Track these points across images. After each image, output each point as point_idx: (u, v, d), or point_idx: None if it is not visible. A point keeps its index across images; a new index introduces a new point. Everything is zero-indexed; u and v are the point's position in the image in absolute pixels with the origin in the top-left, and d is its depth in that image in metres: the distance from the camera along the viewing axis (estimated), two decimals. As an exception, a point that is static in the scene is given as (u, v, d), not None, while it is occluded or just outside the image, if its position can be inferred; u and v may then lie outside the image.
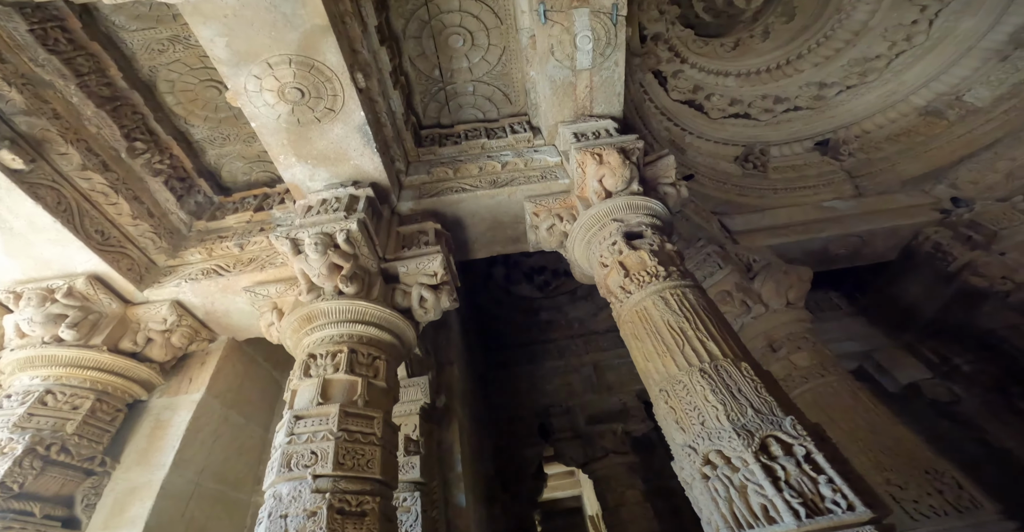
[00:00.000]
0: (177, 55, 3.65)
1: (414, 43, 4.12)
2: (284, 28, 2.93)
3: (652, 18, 5.09)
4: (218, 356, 3.89)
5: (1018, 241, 4.70)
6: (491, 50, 4.21)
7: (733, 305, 4.64)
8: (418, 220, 3.61)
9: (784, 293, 4.52)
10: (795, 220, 5.07)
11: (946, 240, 4.93)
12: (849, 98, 5.76)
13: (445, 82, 4.48)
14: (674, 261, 2.93)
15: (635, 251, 2.96)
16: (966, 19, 5.01)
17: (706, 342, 2.38)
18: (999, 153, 4.98)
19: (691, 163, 5.22)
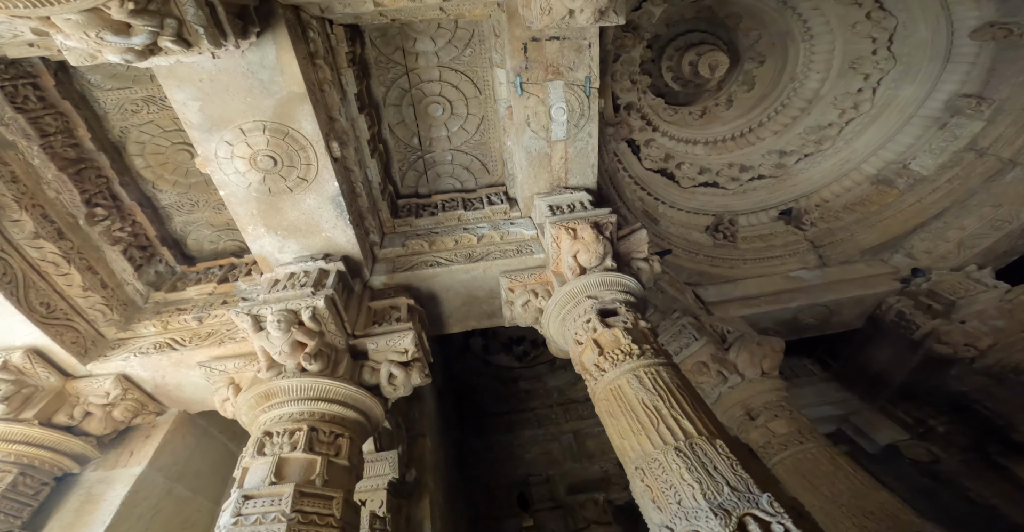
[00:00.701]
0: (151, 116, 3.55)
1: (394, 111, 4.12)
2: (260, 94, 2.87)
3: (625, 88, 5.25)
4: (166, 428, 3.71)
5: (976, 310, 4.77)
6: (470, 119, 4.23)
7: (710, 376, 4.61)
8: (391, 295, 3.43)
9: (759, 363, 4.52)
10: (765, 291, 5.13)
11: (908, 309, 5.01)
12: (807, 166, 5.96)
13: (424, 151, 4.44)
14: (648, 338, 2.87)
15: (609, 329, 2.88)
16: (905, 87, 5.30)
17: (680, 420, 2.35)
18: (948, 222, 5.16)
19: (664, 233, 5.23)
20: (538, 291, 3.46)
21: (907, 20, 4.96)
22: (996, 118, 4.89)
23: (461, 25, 3.74)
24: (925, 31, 4.94)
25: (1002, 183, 4.95)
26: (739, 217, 5.79)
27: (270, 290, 3.02)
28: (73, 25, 1.90)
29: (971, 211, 5.04)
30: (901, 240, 5.45)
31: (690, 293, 5.02)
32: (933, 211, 5.29)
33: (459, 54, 3.89)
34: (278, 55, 2.79)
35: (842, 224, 5.61)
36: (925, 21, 4.89)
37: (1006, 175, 4.88)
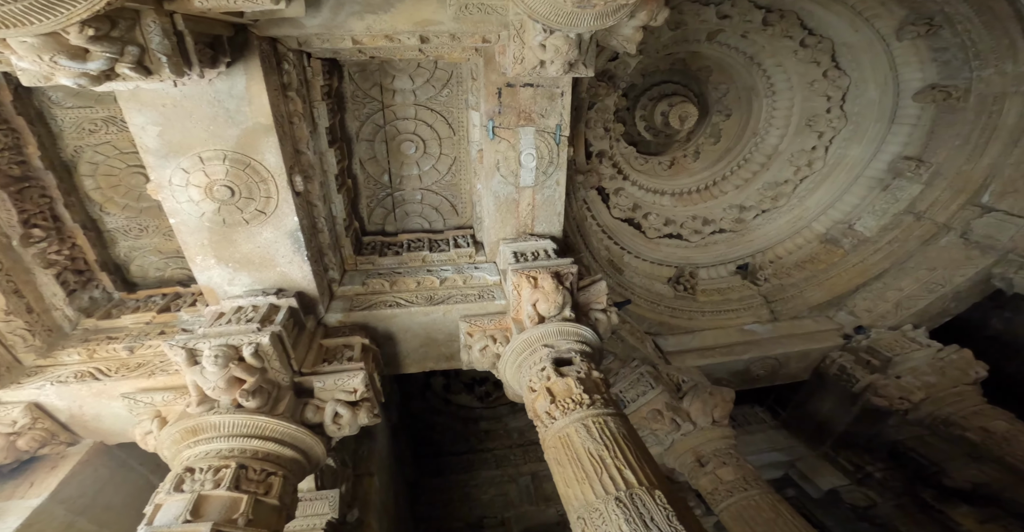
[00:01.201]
0: (109, 137, 3.38)
1: (366, 146, 4.04)
2: (225, 123, 2.77)
3: (598, 135, 5.35)
4: (76, 459, 3.41)
5: (910, 366, 4.96)
6: (442, 159, 4.19)
7: (664, 423, 4.67)
8: (345, 333, 3.26)
9: (710, 412, 4.60)
10: (721, 342, 5.24)
11: (850, 364, 5.19)
12: (764, 222, 6.15)
13: (394, 188, 4.34)
14: (599, 389, 2.86)
15: (563, 378, 2.85)
16: (854, 146, 5.60)
17: (623, 470, 2.37)
18: (887, 283, 5.39)
19: (628, 284, 5.25)
20: (497, 337, 3.35)
21: (859, 79, 5.29)
22: (933, 181, 5.16)
23: (440, 66, 3.74)
24: (874, 91, 5.25)
25: (937, 247, 5.21)
26: (699, 270, 5.89)
27: (213, 323, 2.81)
28: (28, 48, 1.81)
29: (908, 273, 5.27)
30: (845, 298, 5.64)
31: (650, 342, 5.02)
32: (874, 272, 5.52)
33: (436, 94, 3.88)
34: (248, 85, 2.71)
35: (793, 281, 5.79)
36: (875, 81, 5.21)
37: (940, 239, 5.12)
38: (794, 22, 4.99)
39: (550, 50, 2.57)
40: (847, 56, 5.18)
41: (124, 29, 1.99)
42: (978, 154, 4.82)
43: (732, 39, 5.34)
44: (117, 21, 1.94)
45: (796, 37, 5.12)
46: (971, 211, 4.93)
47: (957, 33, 4.46)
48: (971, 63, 4.58)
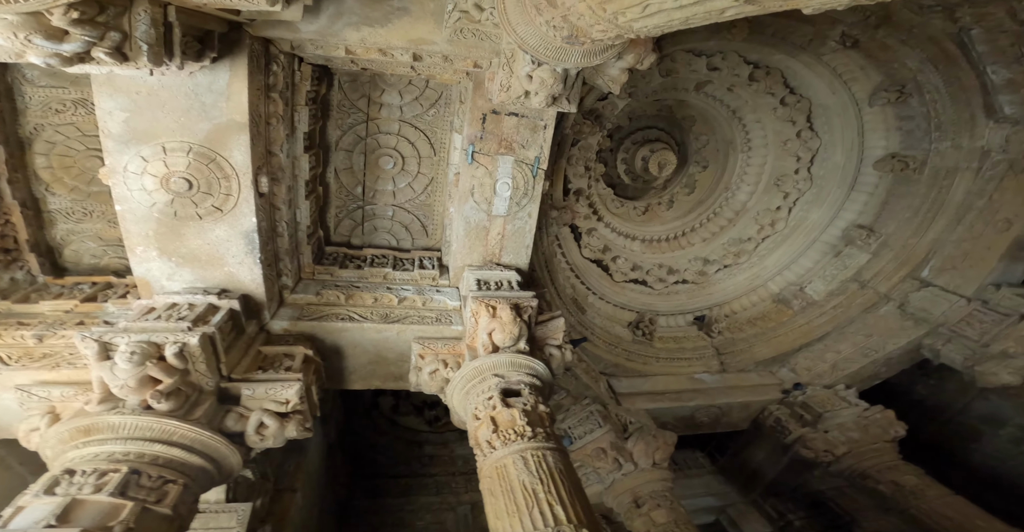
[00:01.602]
0: (76, 118, 3.21)
1: (344, 156, 3.94)
2: (198, 117, 2.67)
3: (578, 173, 5.38)
4: None
5: (838, 423, 5.14)
6: (419, 178, 4.10)
7: (607, 462, 4.61)
8: (289, 342, 3.04)
9: (652, 454, 4.59)
10: (671, 388, 5.27)
11: (785, 417, 5.35)
12: (725, 277, 6.27)
13: (366, 201, 4.20)
14: (543, 423, 2.77)
15: (508, 409, 2.76)
16: (815, 210, 5.82)
17: (554, 506, 2.30)
18: (828, 345, 5.57)
19: (589, 324, 5.20)
20: (448, 361, 3.20)
21: (829, 143, 5.54)
22: (880, 252, 5.39)
23: (431, 85, 3.72)
24: (841, 156, 5.51)
25: (876, 315, 5.42)
26: (659, 317, 5.92)
27: (139, 318, 2.57)
28: (5, 24, 1.71)
29: (847, 337, 5.46)
30: (788, 356, 5.80)
31: (604, 382, 4.94)
32: (817, 334, 5.70)
33: (423, 112, 3.83)
34: (230, 82, 2.64)
35: (744, 336, 5.92)
36: (843, 145, 5.47)
37: (880, 308, 5.33)
38: (778, 80, 5.24)
39: (536, 81, 2.57)
40: (821, 118, 5.44)
41: (112, 15, 1.93)
42: (924, 228, 5.03)
43: (718, 91, 5.56)
44: (107, 7, 1.87)
45: (778, 95, 5.37)
46: (910, 284, 5.16)
47: (924, 103, 4.66)
48: (932, 134, 4.81)
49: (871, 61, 4.63)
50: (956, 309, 4.66)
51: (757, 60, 5.08)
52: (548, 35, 2.22)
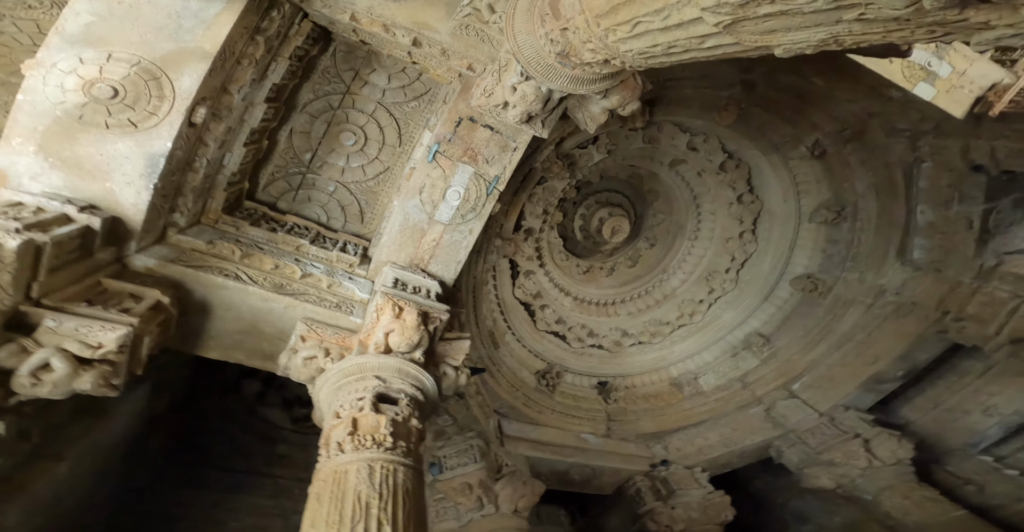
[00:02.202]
0: (41, 16, 2.96)
1: (306, 119, 3.62)
2: (167, 37, 2.44)
3: (535, 213, 5.31)
4: None
5: (685, 501, 5.22)
6: (375, 164, 3.81)
7: (470, 499, 4.21)
8: (147, 283, 2.55)
9: (516, 500, 4.26)
10: (555, 441, 5.13)
11: (645, 488, 5.40)
12: (636, 352, 6.34)
13: (310, 170, 3.84)
14: (410, 438, 2.41)
15: (377, 414, 2.38)
16: (730, 310, 6.07)
17: (384, 526, 1.96)
18: (700, 432, 5.78)
19: (498, 360, 5.01)
20: (332, 351, 2.81)
21: (763, 250, 5.84)
22: (768, 361, 5.74)
23: (422, 79, 3.55)
24: (768, 265, 5.81)
25: (746, 413, 5.72)
26: (567, 373, 5.82)
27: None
28: None
29: (718, 428, 5.71)
30: (666, 434, 5.89)
31: (495, 421, 4.67)
32: (696, 420, 5.89)
33: (404, 102, 3.64)
34: (220, 14, 2.46)
35: (635, 408, 5.94)
36: (773, 255, 5.76)
37: (751, 409, 5.67)
38: (744, 175, 5.51)
39: (519, 94, 2.45)
40: (766, 224, 5.77)
41: None
42: (809, 348, 5.42)
43: (689, 173, 5.80)
44: None
45: (738, 190, 5.63)
46: (781, 393, 5.56)
47: (853, 230, 5.03)
48: (846, 263, 5.19)
49: (828, 176, 4.98)
50: (808, 420, 5.12)
51: (734, 151, 5.37)
52: (544, 49, 2.12)
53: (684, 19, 1.24)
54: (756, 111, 4.53)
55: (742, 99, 4.23)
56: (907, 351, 4.73)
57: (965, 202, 4.11)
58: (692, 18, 1.22)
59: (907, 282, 4.70)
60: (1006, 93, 3.39)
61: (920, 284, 4.58)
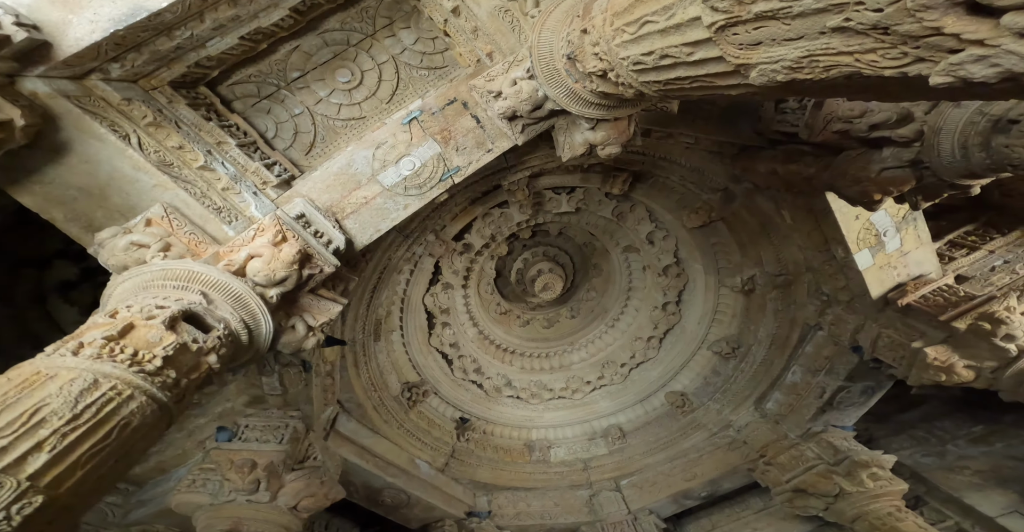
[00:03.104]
0: None
1: (318, 43, 3.22)
2: None
3: (483, 234, 5.06)
4: None
5: None
6: (352, 108, 3.48)
7: (244, 479, 3.39)
8: (18, 103, 2.02)
9: (301, 499, 3.51)
10: (386, 456, 4.52)
11: None
12: (510, 405, 6.00)
13: (288, 86, 3.50)
14: (189, 374, 1.82)
15: (169, 331, 1.80)
16: (608, 401, 6.00)
17: (38, 451, 1.29)
18: (526, 498, 5.45)
19: (371, 353, 4.56)
20: (172, 248, 2.27)
21: (660, 359, 5.91)
22: (615, 453, 5.68)
23: (445, 55, 3.34)
24: (658, 373, 5.90)
25: (573, 494, 5.47)
26: (434, 396, 5.35)
27: None
28: None
29: (544, 499, 5.44)
30: (494, 490, 5.43)
31: (333, 411, 4.05)
32: (528, 485, 5.54)
33: (416, 67, 3.42)
34: None
35: (482, 455, 5.50)
36: (665, 367, 5.85)
37: (579, 490, 5.47)
38: (680, 285, 5.54)
39: (515, 88, 2.28)
40: (674, 337, 5.79)
41: None
42: (651, 453, 5.50)
43: (636, 264, 5.84)
44: None
45: (668, 298, 5.65)
46: (610, 484, 5.43)
47: (737, 368, 5.21)
48: (716, 394, 5.37)
49: (744, 314, 5.10)
50: (617, 514, 5.08)
51: (683, 258, 5.42)
52: (557, 50, 1.97)
53: (685, 18, 1.14)
54: (721, 227, 4.61)
55: (716, 208, 4.28)
56: (719, 477, 4.96)
57: (830, 374, 4.37)
58: (692, 17, 1.11)
59: (750, 424, 4.97)
60: (922, 288, 3.52)
61: (758, 429, 4.86)
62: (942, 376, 3.37)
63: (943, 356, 3.32)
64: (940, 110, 2.18)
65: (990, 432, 4.88)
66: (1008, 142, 1.95)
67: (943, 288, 3.50)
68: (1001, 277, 3.43)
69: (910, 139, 2.26)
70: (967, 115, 2.09)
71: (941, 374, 3.35)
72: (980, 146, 2.06)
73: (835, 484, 4.01)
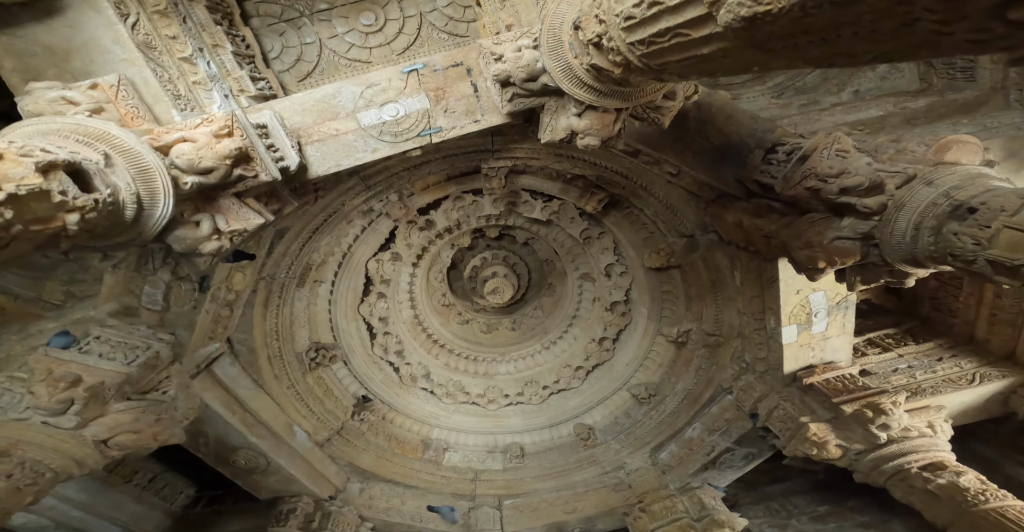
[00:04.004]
0: None
1: None
2: None
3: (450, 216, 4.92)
4: None
5: None
6: (363, 51, 3.52)
7: (52, 394, 2.69)
8: None
9: (120, 434, 2.82)
10: (261, 414, 4.04)
11: (302, 514, 4.40)
12: (422, 398, 5.69)
13: (311, 16, 3.41)
14: (33, 221, 1.53)
15: (38, 175, 1.53)
16: (519, 418, 5.85)
17: None
18: (403, 494, 5.13)
19: (287, 298, 4.18)
20: (104, 113, 2.09)
21: (581, 391, 5.82)
22: (508, 472, 5.45)
23: (470, 26, 3.44)
24: (575, 403, 5.76)
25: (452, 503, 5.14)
26: (345, 365, 5.01)
27: None
28: None
29: (421, 500, 5.12)
30: (374, 479, 5.02)
31: (219, 348, 3.64)
32: (410, 482, 5.18)
33: (439, 28, 3.49)
34: None
35: (373, 440, 5.11)
36: (583, 399, 5.73)
37: (459, 501, 5.17)
38: (622, 324, 5.52)
39: (516, 55, 2.24)
40: (601, 372, 5.74)
41: None
42: (543, 479, 5.33)
43: (588, 293, 5.81)
44: None
45: (607, 334, 5.56)
46: (492, 501, 5.16)
47: (647, 415, 5.21)
48: (613, 434, 5.36)
49: (670, 365, 5.14)
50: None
51: (632, 298, 5.42)
52: (568, 18, 1.93)
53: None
54: (675, 273, 4.65)
55: (678, 253, 4.31)
56: (596, 516, 4.86)
57: (723, 435, 4.46)
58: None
59: (640, 469, 4.94)
60: (828, 372, 3.78)
61: (646, 475, 4.85)
62: (814, 450, 3.65)
63: (822, 433, 3.61)
64: (912, 186, 2.24)
65: (830, 513, 5.42)
66: (958, 230, 1.99)
67: (846, 376, 3.81)
68: (899, 378, 3.72)
69: (872, 211, 2.31)
70: (933, 196, 2.14)
71: (814, 448, 3.64)
72: (932, 230, 2.11)
73: (690, 539, 4.08)
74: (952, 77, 3.52)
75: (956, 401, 3.84)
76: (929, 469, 3.35)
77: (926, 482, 3.29)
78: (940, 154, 2.46)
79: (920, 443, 3.46)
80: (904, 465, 3.42)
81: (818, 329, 3.69)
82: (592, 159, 3.94)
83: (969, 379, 3.87)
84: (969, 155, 2.44)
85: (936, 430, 3.61)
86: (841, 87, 3.89)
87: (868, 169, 2.41)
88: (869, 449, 3.54)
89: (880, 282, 2.63)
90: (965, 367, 3.95)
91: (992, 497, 3.07)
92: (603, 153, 3.85)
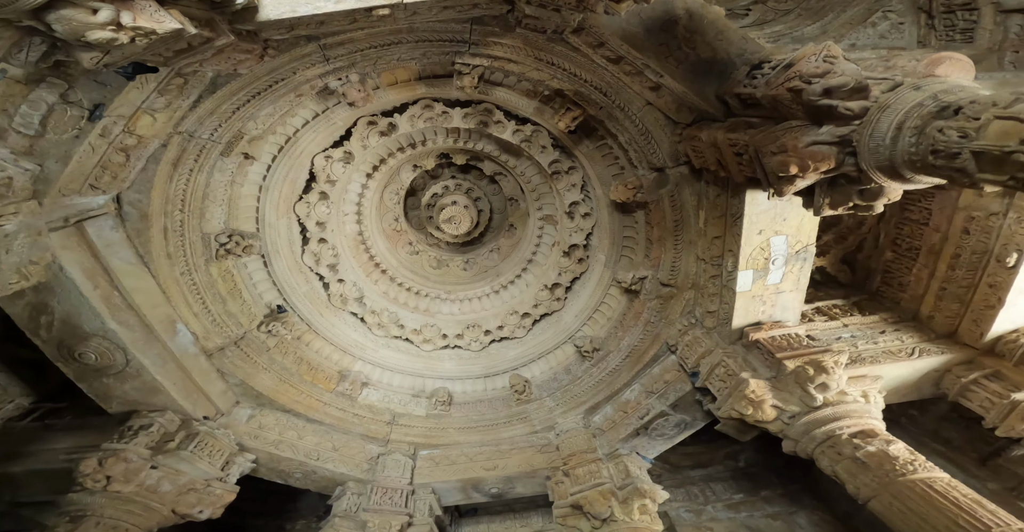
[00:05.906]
0: None
1: None
2: None
3: (417, 123, 4.58)
4: None
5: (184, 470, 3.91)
6: None
7: None
8: None
9: None
10: (135, 296, 3.50)
11: (156, 432, 3.81)
12: (350, 324, 5.37)
13: None
14: None
15: None
16: (453, 363, 5.63)
17: None
18: (303, 427, 4.73)
19: (206, 166, 3.70)
20: None
21: (524, 340, 5.66)
22: (430, 419, 5.17)
23: None
24: (515, 353, 5.61)
25: (362, 445, 4.75)
26: (263, 265, 4.56)
27: None
28: None
29: (325, 437, 4.73)
30: (269, 406, 4.52)
31: (103, 200, 3.10)
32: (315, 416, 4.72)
33: None
34: None
35: (279, 360, 4.61)
36: (526, 349, 5.57)
37: (369, 443, 4.82)
38: (578, 271, 5.41)
39: None
40: (548, 323, 5.57)
41: None
42: (467, 432, 5.09)
43: (547, 237, 5.66)
44: None
45: (561, 282, 5.42)
46: (406, 449, 4.85)
47: (588, 372, 5.06)
48: (557, 392, 5.17)
49: (619, 319, 4.98)
50: (397, 481, 4.49)
51: (592, 244, 5.28)
52: None
53: None
54: (639, 216, 4.46)
55: (646, 187, 4.12)
56: (516, 476, 4.61)
57: (660, 399, 4.36)
58: None
59: (571, 431, 4.76)
60: (775, 329, 3.75)
61: (575, 437, 4.66)
62: (750, 409, 3.57)
63: (760, 390, 3.55)
64: (899, 91, 2.09)
65: (743, 501, 5.65)
66: (942, 125, 1.86)
67: (792, 335, 3.81)
68: (841, 346, 3.68)
69: (854, 114, 2.17)
70: (920, 98, 2.01)
71: (750, 407, 3.57)
72: (915, 129, 1.98)
73: (608, 507, 3.93)
74: (951, 39, 3.49)
75: (893, 373, 3.87)
76: (860, 436, 3.33)
77: (855, 449, 3.26)
78: (931, 68, 2.35)
79: (854, 408, 3.44)
80: (836, 430, 3.39)
81: (773, 280, 3.62)
82: (572, 69, 3.70)
83: (908, 352, 3.91)
84: (961, 72, 2.35)
85: (870, 400, 3.60)
86: (839, 39, 3.80)
87: (855, 70, 2.28)
88: (804, 412, 3.50)
89: (848, 205, 2.51)
90: (906, 341, 4.01)
91: (920, 468, 3.06)
92: (584, 63, 3.60)
